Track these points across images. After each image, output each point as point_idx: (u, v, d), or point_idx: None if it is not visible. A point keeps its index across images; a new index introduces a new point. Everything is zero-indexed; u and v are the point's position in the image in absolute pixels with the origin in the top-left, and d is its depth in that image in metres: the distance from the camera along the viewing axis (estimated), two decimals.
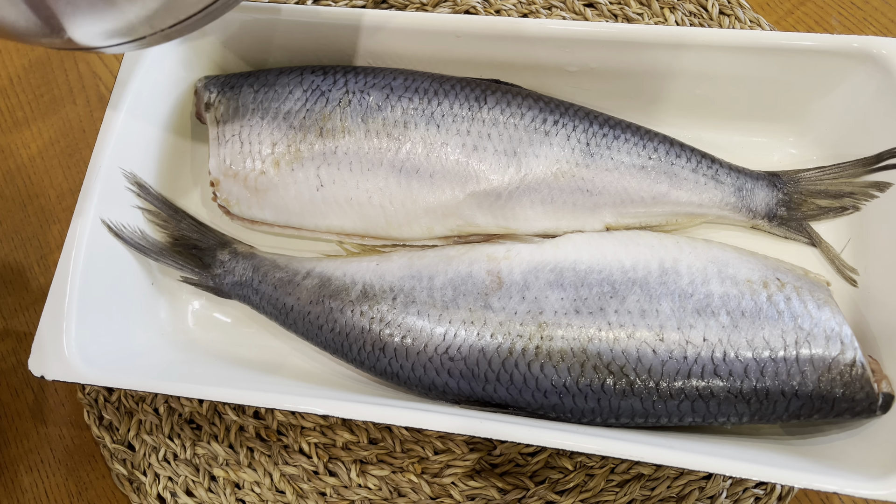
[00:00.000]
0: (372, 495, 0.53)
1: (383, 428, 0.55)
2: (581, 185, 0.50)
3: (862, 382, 0.42)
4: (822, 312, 0.44)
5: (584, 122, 0.51)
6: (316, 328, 0.50)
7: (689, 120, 0.56)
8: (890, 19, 0.64)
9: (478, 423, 0.42)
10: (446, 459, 0.54)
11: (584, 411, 0.45)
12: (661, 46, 0.50)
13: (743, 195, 0.51)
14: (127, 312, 0.53)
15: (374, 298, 0.49)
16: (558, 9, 0.66)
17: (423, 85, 0.52)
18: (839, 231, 0.52)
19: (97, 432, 0.57)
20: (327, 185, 0.52)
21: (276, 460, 0.55)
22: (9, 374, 0.61)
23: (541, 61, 0.53)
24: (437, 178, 0.51)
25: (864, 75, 0.49)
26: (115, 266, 0.52)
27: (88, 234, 0.50)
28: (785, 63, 0.50)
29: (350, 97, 0.52)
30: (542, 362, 0.44)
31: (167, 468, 0.55)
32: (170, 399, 0.57)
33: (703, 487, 0.51)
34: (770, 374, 0.42)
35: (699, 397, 0.43)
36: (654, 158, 0.51)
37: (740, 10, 0.64)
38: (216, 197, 0.55)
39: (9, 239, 0.65)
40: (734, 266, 0.46)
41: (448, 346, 0.46)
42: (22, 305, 0.63)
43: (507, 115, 0.51)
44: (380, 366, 0.48)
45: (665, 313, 0.44)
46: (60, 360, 0.47)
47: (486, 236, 0.52)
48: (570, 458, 0.53)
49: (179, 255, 0.54)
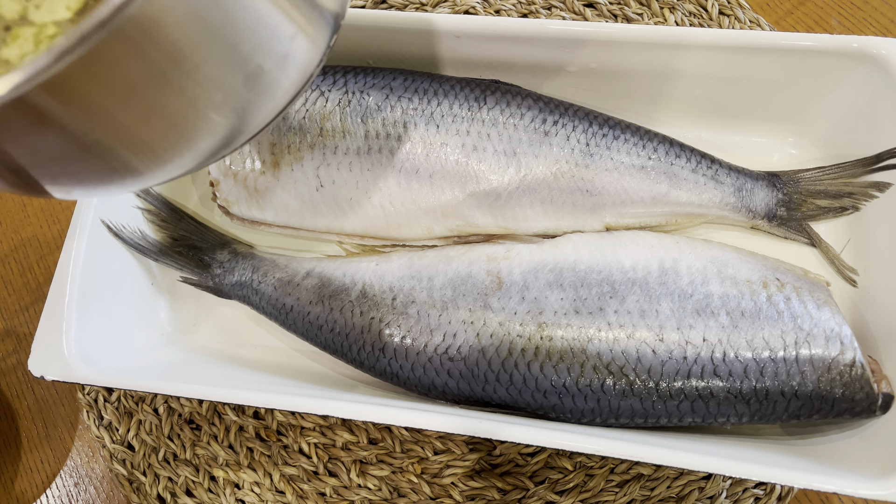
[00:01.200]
0: (372, 496, 0.53)
1: (383, 428, 0.55)
2: (581, 185, 0.50)
3: (862, 383, 0.42)
4: (821, 313, 0.44)
5: (583, 122, 0.51)
6: (316, 328, 0.50)
7: (689, 120, 0.56)
8: (890, 19, 0.64)
9: (478, 423, 0.42)
10: (446, 459, 0.54)
11: (583, 411, 0.45)
12: (661, 46, 0.50)
13: (743, 195, 0.51)
14: (127, 312, 0.53)
15: (374, 298, 0.49)
16: (558, 9, 0.66)
17: (422, 85, 0.52)
18: (839, 231, 0.52)
19: (97, 432, 0.57)
20: (327, 185, 0.52)
21: (276, 461, 0.55)
22: (9, 374, 0.61)
23: (541, 61, 0.53)
24: (437, 179, 0.51)
25: (864, 75, 0.49)
26: (115, 266, 0.52)
27: (88, 234, 0.50)
28: (785, 63, 0.50)
29: (350, 97, 0.52)
30: (541, 362, 0.44)
31: (167, 468, 0.55)
32: (170, 399, 0.57)
33: (702, 487, 0.51)
34: (770, 374, 0.42)
35: (699, 397, 0.43)
36: (653, 159, 0.51)
37: (740, 11, 0.64)
38: (216, 197, 0.55)
39: (9, 239, 0.65)
40: (734, 266, 0.46)
41: (448, 346, 0.46)
42: (22, 305, 0.63)
43: (507, 115, 0.51)
44: (380, 366, 0.48)
45: (665, 313, 0.44)
46: (60, 360, 0.47)
47: (486, 236, 0.52)
48: (569, 458, 0.53)
49: (179, 255, 0.54)
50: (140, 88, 0.25)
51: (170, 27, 0.24)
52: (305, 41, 0.30)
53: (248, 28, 0.27)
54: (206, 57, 0.26)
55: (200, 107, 0.28)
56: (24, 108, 0.23)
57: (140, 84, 0.25)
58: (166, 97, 0.26)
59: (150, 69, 0.25)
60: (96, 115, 0.25)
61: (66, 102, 0.24)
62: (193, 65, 0.26)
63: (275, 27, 0.28)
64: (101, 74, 0.24)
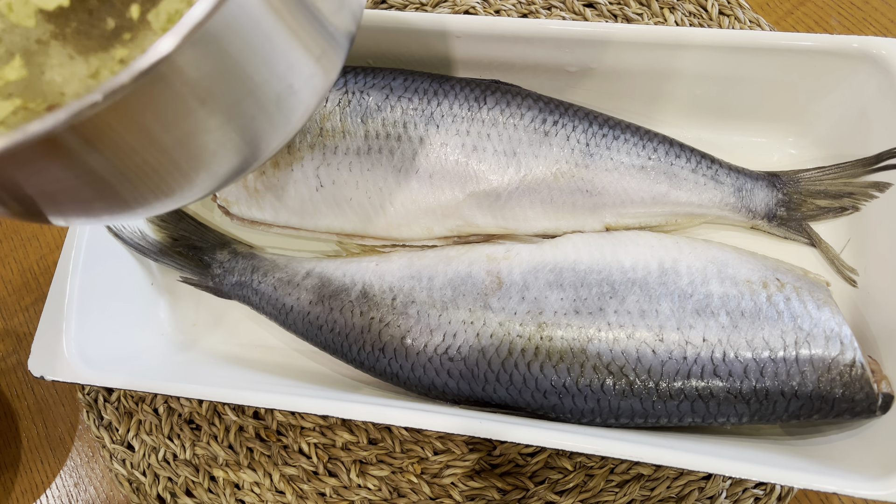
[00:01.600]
0: (372, 496, 0.53)
1: (383, 428, 0.55)
2: (581, 185, 0.50)
3: (861, 383, 0.42)
4: (821, 313, 0.44)
5: (583, 122, 0.51)
6: (316, 328, 0.50)
7: (689, 120, 0.56)
8: (890, 19, 0.64)
9: (478, 423, 0.42)
10: (446, 460, 0.54)
11: (583, 411, 0.45)
12: (661, 46, 0.50)
13: (743, 195, 0.51)
14: (127, 312, 0.53)
15: (374, 298, 0.49)
16: (558, 9, 0.66)
17: (422, 85, 0.52)
18: (839, 231, 0.52)
19: (97, 432, 0.57)
20: (327, 185, 0.52)
21: (276, 461, 0.55)
22: (9, 374, 0.61)
23: (541, 61, 0.53)
24: (437, 179, 0.51)
25: (864, 75, 0.49)
26: (114, 266, 0.52)
27: (88, 234, 0.50)
28: (785, 63, 0.50)
29: (349, 97, 0.52)
30: (541, 362, 0.44)
31: (167, 468, 0.55)
32: (169, 399, 0.57)
33: (702, 488, 0.51)
34: (770, 374, 0.42)
35: (699, 398, 0.43)
36: (653, 159, 0.51)
37: (740, 11, 0.64)
38: (216, 197, 0.55)
39: (9, 239, 0.65)
40: (734, 266, 0.46)
41: (448, 346, 0.46)
42: (22, 305, 0.63)
43: (507, 115, 0.51)
44: (380, 366, 0.48)
45: (665, 313, 0.44)
46: (60, 360, 0.47)
47: (486, 236, 0.52)
48: (569, 458, 0.53)
49: (179, 255, 0.54)
50: (173, 129, 0.26)
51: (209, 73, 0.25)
52: (321, 71, 0.31)
53: (274, 63, 0.27)
54: (240, 94, 0.27)
55: (228, 139, 0.28)
56: (56, 145, 0.23)
57: (174, 125, 0.25)
58: (197, 135, 0.27)
59: (184, 110, 0.25)
60: (126, 155, 0.25)
61: (99, 142, 0.24)
62: (232, 101, 0.26)
63: (298, 60, 0.29)
64: (138, 117, 0.24)
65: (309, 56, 0.29)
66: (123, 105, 0.23)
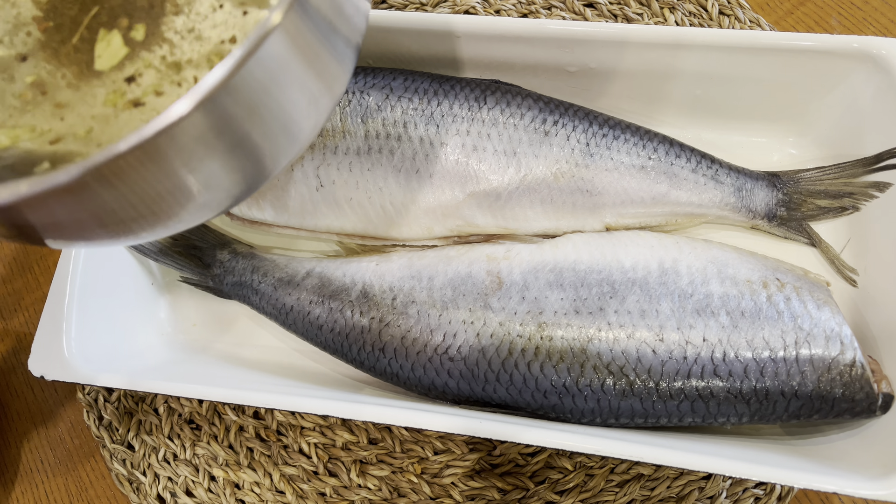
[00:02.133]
0: (372, 496, 0.53)
1: (383, 428, 0.55)
2: (581, 185, 0.50)
3: (862, 383, 0.42)
4: (821, 313, 0.44)
5: (583, 122, 0.51)
6: (316, 328, 0.50)
7: (689, 120, 0.56)
8: (890, 19, 0.64)
9: (478, 423, 0.42)
10: (446, 459, 0.54)
11: (583, 411, 0.45)
12: (661, 46, 0.50)
13: (743, 195, 0.51)
14: (127, 312, 0.53)
15: (374, 298, 0.49)
16: (558, 9, 0.66)
17: (422, 85, 0.52)
18: (839, 231, 0.52)
19: (97, 432, 0.57)
20: (327, 185, 0.52)
21: (276, 460, 0.55)
22: (9, 375, 0.61)
23: (541, 61, 0.53)
24: (437, 179, 0.51)
25: (864, 75, 0.49)
26: (115, 266, 0.52)
27: None
28: (785, 63, 0.50)
29: (349, 97, 0.52)
30: (541, 362, 0.44)
31: (167, 468, 0.55)
32: (169, 399, 0.57)
33: (702, 487, 0.51)
34: (770, 374, 0.42)
35: (699, 397, 0.43)
36: (653, 159, 0.51)
37: (740, 11, 0.64)
38: None
39: None
40: (734, 266, 0.46)
41: (448, 346, 0.46)
42: (22, 305, 0.63)
43: (507, 115, 0.51)
44: (380, 366, 0.48)
45: (665, 313, 0.44)
46: (60, 360, 0.47)
47: (486, 236, 0.52)
48: (569, 458, 0.53)
49: (179, 255, 0.54)
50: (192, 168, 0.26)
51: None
52: (329, 94, 0.31)
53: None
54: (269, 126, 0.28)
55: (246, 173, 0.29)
56: (78, 188, 0.23)
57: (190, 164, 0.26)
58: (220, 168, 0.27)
59: (202, 152, 0.26)
60: (142, 190, 0.26)
61: (117, 181, 0.24)
62: (243, 135, 0.27)
63: (312, 93, 0.29)
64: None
65: (322, 85, 0.30)
66: (141, 151, 0.23)
